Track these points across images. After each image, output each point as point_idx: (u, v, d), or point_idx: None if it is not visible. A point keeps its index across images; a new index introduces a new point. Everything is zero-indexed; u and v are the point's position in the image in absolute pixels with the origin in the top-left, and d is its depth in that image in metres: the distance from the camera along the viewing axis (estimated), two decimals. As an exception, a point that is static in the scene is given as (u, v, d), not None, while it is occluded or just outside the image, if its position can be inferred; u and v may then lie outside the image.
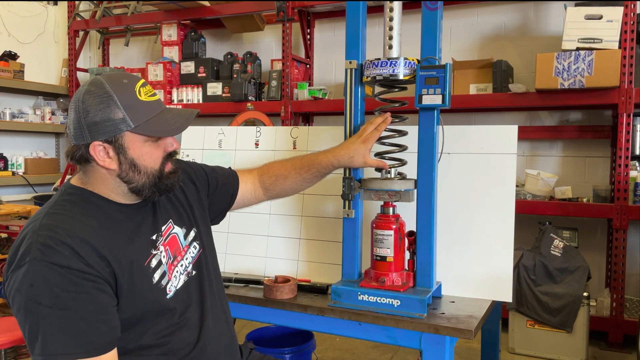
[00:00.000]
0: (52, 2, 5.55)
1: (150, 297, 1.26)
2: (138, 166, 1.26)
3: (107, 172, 1.25)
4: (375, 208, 1.66)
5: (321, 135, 1.98)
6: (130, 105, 1.22)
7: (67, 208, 1.23)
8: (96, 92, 1.21)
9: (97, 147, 1.22)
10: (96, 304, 1.15)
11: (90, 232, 1.19)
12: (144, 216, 1.34)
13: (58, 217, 1.20)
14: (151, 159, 1.27)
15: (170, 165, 1.32)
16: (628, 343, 3.34)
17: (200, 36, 4.93)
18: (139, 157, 1.25)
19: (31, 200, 4.89)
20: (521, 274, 3.21)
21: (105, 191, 1.28)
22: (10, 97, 5.17)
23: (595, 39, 3.21)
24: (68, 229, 1.17)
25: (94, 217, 1.23)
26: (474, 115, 4.17)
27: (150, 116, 1.25)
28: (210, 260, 1.50)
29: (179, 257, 1.38)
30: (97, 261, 1.17)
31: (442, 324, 1.43)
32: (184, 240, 1.42)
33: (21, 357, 3.16)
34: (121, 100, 1.21)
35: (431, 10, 1.53)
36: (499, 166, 1.69)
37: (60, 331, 1.10)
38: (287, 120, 4.25)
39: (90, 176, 1.28)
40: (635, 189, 3.36)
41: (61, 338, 1.10)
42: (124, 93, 1.22)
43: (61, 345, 1.10)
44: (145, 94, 1.26)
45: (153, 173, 1.28)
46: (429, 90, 1.50)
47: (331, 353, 3.26)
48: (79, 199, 1.26)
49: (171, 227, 1.40)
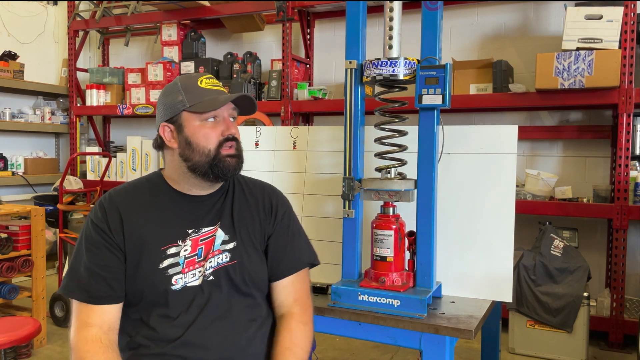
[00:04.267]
0: (52, 2, 5.55)
1: (154, 279, 1.34)
2: (192, 144, 1.37)
3: (172, 153, 1.41)
4: (375, 208, 1.66)
5: (321, 135, 1.98)
6: (189, 89, 1.39)
7: (134, 184, 1.46)
8: (170, 85, 1.42)
9: (164, 128, 1.40)
10: (101, 261, 1.34)
11: (128, 205, 1.39)
12: (195, 210, 1.42)
13: (120, 188, 1.45)
14: (205, 138, 1.38)
15: (227, 149, 1.39)
16: (628, 343, 3.34)
17: (200, 36, 4.93)
18: (192, 134, 1.38)
19: (31, 200, 4.88)
20: (521, 274, 3.21)
21: (171, 174, 1.44)
22: (10, 97, 5.17)
23: (595, 39, 3.21)
24: (114, 197, 1.41)
25: (144, 195, 1.42)
26: (474, 115, 4.17)
27: (205, 98, 1.38)
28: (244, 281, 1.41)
29: (207, 259, 1.39)
30: (117, 228, 1.35)
31: (442, 324, 1.43)
32: (219, 244, 1.42)
33: (21, 357, 3.16)
34: (183, 86, 1.39)
35: (431, 10, 1.53)
36: (499, 166, 1.69)
37: (74, 271, 1.36)
38: (287, 120, 4.25)
39: (166, 160, 1.45)
40: (635, 189, 3.36)
41: (72, 276, 1.35)
42: (187, 81, 1.40)
43: (71, 281, 1.35)
44: (207, 83, 1.41)
45: (207, 152, 1.37)
46: (429, 90, 1.50)
47: (331, 353, 3.26)
48: (148, 180, 1.46)
49: (216, 230, 1.42)
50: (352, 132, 1.63)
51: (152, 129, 5.53)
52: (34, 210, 3.32)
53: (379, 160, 1.64)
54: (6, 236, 3.22)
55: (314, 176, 1.97)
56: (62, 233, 3.83)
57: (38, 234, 3.33)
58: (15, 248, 3.26)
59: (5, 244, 3.19)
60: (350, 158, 1.62)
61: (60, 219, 3.82)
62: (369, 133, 1.69)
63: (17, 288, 3.30)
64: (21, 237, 3.28)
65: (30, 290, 3.34)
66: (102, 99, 5.21)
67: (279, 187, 2.00)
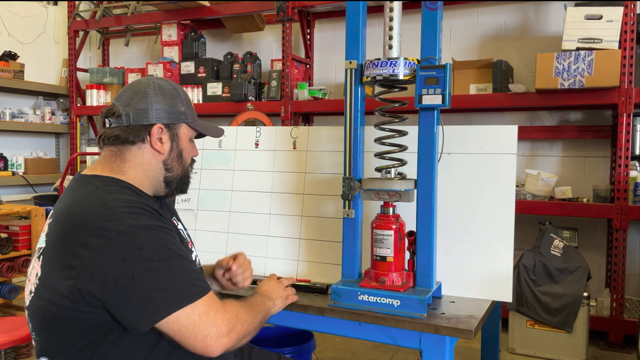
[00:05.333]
0: (52, 2, 5.55)
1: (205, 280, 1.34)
2: (182, 157, 1.41)
3: (152, 156, 1.35)
4: (375, 208, 1.66)
5: (321, 135, 1.98)
6: (187, 104, 1.42)
7: (115, 190, 1.28)
8: (167, 85, 1.39)
9: (159, 129, 1.34)
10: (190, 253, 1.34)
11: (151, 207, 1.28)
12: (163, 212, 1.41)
13: (113, 195, 1.24)
14: (188, 156, 1.44)
15: (191, 169, 1.47)
16: (628, 343, 3.34)
17: (200, 36, 4.93)
18: (186, 149, 1.42)
19: (31, 200, 4.88)
20: (521, 274, 3.21)
21: (138, 176, 1.34)
22: (10, 97, 5.17)
23: (595, 39, 3.21)
24: (135, 200, 1.25)
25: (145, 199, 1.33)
26: (474, 115, 4.17)
27: (198, 120, 1.44)
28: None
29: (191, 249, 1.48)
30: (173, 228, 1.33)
31: (442, 324, 1.43)
32: (187, 236, 1.50)
33: (21, 357, 3.16)
34: (183, 98, 1.41)
35: (431, 10, 1.53)
36: (499, 166, 1.69)
37: (181, 280, 1.18)
38: (287, 120, 4.25)
39: (128, 159, 1.33)
40: (635, 189, 3.36)
41: (181, 287, 1.18)
42: (185, 95, 1.43)
43: (181, 293, 1.17)
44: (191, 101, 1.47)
45: (184, 169, 1.43)
46: (429, 90, 1.50)
47: (331, 353, 3.26)
48: (118, 187, 1.30)
49: (176, 223, 1.48)
50: (352, 132, 1.63)
51: (152, 129, 5.53)
52: (34, 210, 3.32)
53: (379, 160, 1.64)
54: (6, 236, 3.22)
55: (314, 176, 1.97)
56: (62, 233, 3.82)
57: (38, 234, 3.33)
58: (15, 248, 3.27)
59: (5, 244, 3.19)
60: (350, 158, 1.62)
61: (61, 219, 3.81)
62: (369, 133, 1.69)
63: (17, 288, 3.30)
64: (21, 237, 3.29)
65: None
66: (102, 99, 5.21)
67: (279, 187, 2.01)
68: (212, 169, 2.13)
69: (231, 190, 2.09)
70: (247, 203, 2.05)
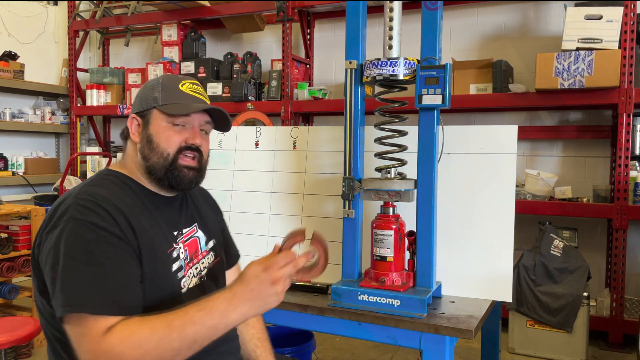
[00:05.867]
0: (52, 2, 5.55)
1: (168, 284, 1.28)
2: (153, 143, 1.32)
3: (133, 147, 1.35)
4: (375, 208, 1.66)
5: (321, 135, 1.98)
6: (168, 89, 1.34)
7: (105, 184, 1.29)
8: (153, 80, 1.38)
9: (132, 120, 1.35)
10: (127, 267, 1.17)
11: (125, 206, 1.24)
12: (170, 212, 1.39)
13: (97, 188, 1.26)
14: (167, 141, 1.32)
15: (186, 159, 1.33)
16: (628, 343, 3.34)
17: (200, 36, 4.93)
18: (156, 133, 1.32)
19: (31, 200, 4.88)
20: (521, 274, 3.21)
21: (133, 169, 1.36)
22: (10, 97, 5.17)
23: (595, 39, 3.21)
24: (106, 197, 1.22)
25: (129, 197, 1.29)
26: (474, 115, 4.17)
27: (179, 101, 1.32)
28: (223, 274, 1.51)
29: (195, 260, 1.40)
30: (130, 232, 1.21)
31: (442, 324, 1.43)
32: (204, 245, 1.45)
33: (21, 357, 3.16)
34: (163, 84, 1.35)
35: (431, 10, 1.53)
36: (499, 166, 1.69)
37: (91, 287, 1.11)
38: (287, 120, 4.25)
39: (126, 154, 1.38)
40: (635, 189, 3.36)
41: (90, 293, 1.10)
42: (169, 81, 1.36)
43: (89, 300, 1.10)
44: (188, 88, 1.35)
45: (165, 156, 1.31)
46: (429, 90, 1.50)
47: (331, 353, 3.26)
48: (116, 180, 1.33)
49: (195, 230, 1.43)
50: (352, 132, 1.63)
51: (152, 129, 5.53)
52: (34, 210, 3.32)
53: (379, 160, 1.64)
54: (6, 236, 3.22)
55: (314, 176, 1.97)
56: (62, 233, 3.82)
57: (38, 234, 3.33)
58: (15, 248, 3.27)
59: (5, 244, 3.19)
60: (350, 158, 1.62)
61: (61, 219, 3.81)
62: (369, 133, 1.69)
63: (17, 288, 3.30)
64: (21, 237, 3.29)
65: (31, 290, 3.34)
66: (102, 99, 5.21)
67: (279, 187, 2.02)
68: (212, 169, 2.10)
69: (231, 190, 2.09)
70: (247, 203, 2.05)
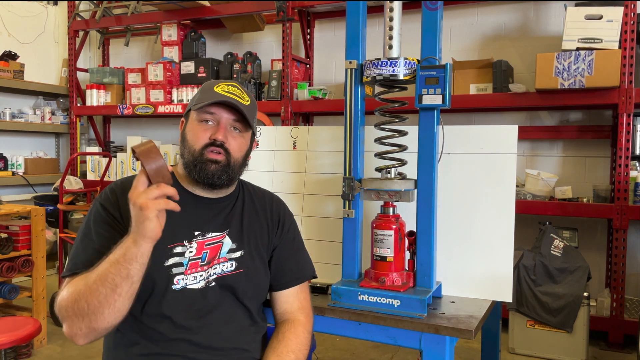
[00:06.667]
0: (52, 2, 5.55)
1: (156, 275, 1.31)
2: (185, 140, 1.40)
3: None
4: (375, 208, 1.66)
5: (321, 135, 1.98)
6: (204, 91, 1.41)
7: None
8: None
9: (181, 123, 1.48)
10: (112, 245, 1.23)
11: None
12: (203, 212, 1.42)
13: (129, 179, 1.37)
14: (195, 137, 1.38)
15: (212, 154, 1.37)
16: (628, 343, 3.34)
17: (200, 36, 4.93)
18: (188, 131, 1.41)
19: (31, 200, 4.88)
20: (521, 274, 3.21)
21: (177, 170, 1.46)
22: (10, 97, 5.17)
23: (595, 39, 3.21)
24: (124, 185, 1.36)
25: None
26: (474, 115, 4.17)
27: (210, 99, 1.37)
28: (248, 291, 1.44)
29: (210, 264, 1.39)
30: (128, 217, 1.20)
31: (442, 324, 1.43)
32: (225, 252, 1.43)
33: (21, 357, 3.16)
34: (203, 88, 1.44)
35: (431, 10, 1.53)
36: (499, 166, 1.69)
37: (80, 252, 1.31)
38: (287, 120, 4.25)
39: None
40: (635, 189, 3.36)
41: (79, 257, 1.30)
42: (209, 85, 1.43)
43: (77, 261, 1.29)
44: (222, 89, 1.40)
45: (192, 151, 1.38)
46: (429, 90, 1.50)
47: (331, 353, 3.26)
48: None
49: (223, 236, 1.43)
50: (352, 132, 1.63)
51: (152, 129, 5.53)
52: (34, 210, 3.32)
53: (379, 160, 1.64)
54: (6, 236, 3.22)
55: (314, 176, 1.97)
56: (62, 233, 3.83)
57: (38, 234, 3.33)
58: (15, 248, 3.27)
59: (5, 244, 3.19)
60: (350, 158, 1.62)
61: (61, 219, 3.82)
62: (369, 133, 1.69)
63: (17, 288, 3.30)
64: (21, 237, 3.29)
65: (31, 290, 3.34)
66: (102, 99, 5.21)
67: (279, 187, 2.01)
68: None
69: (231, 190, 2.08)
70: (247, 203, 2.04)
